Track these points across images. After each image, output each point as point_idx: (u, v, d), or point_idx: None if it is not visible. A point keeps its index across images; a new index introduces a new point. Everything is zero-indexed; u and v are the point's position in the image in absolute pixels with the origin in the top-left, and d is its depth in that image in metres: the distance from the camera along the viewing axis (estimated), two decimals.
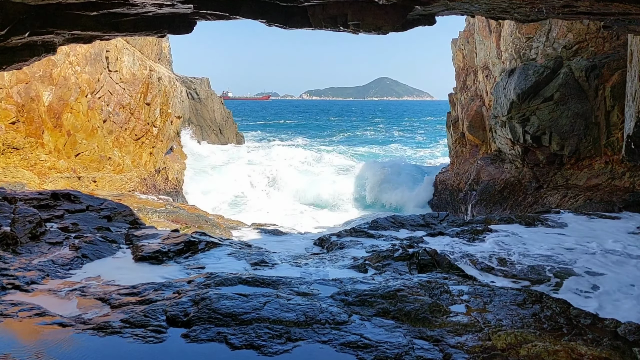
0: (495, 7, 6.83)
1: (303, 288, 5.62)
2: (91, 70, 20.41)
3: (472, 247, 9.08)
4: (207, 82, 49.80)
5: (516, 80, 17.97)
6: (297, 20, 7.94)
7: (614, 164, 15.96)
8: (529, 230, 10.33)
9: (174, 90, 26.00)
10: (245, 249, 8.58)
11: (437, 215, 12.09)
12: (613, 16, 6.70)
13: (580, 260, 8.25)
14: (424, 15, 7.86)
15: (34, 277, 6.29)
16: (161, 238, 8.70)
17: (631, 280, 7.30)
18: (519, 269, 7.74)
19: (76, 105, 19.52)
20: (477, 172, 20.52)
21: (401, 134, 76.62)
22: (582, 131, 16.45)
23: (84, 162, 19.60)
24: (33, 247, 7.86)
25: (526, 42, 18.69)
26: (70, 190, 11.77)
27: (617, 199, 14.19)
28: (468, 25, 25.58)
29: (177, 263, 7.52)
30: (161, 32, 8.86)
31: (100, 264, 7.40)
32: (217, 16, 8.26)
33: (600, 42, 16.84)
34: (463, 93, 25.09)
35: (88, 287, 6.00)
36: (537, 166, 18.07)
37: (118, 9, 7.51)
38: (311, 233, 12.20)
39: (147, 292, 5.64)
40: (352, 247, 8.87)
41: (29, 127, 18.10)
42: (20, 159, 17.81)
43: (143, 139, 23.02)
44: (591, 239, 9.57)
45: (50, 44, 8.72)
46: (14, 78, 17.75)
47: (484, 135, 22.75)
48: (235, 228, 12.48)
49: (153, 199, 15.21)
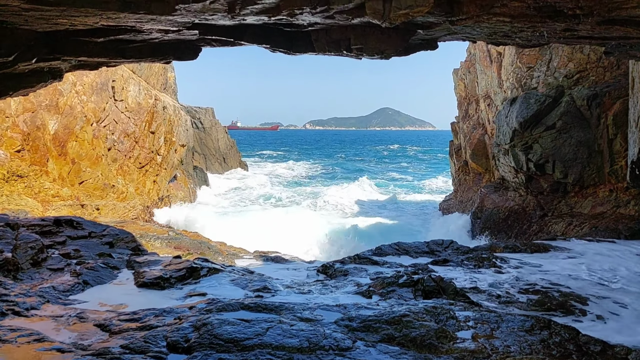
0: (496, 32, 6.92)
1: (306, 314, 5.53)
2: (97, 99, 20.67)
3: (478, 274, 8.96)
4: (212, 111, 50.33)
5: (518, 109, 18.09)
6: (301, 45, 8.05)
7: (619, 192, 15.90)
8: (535, 257, 10.21)
9: (179, 119, 26.25)
10: (248, 275, 8.49)
11: (442, 243, 11.98)
12: (614, 40, 6.77)
13: (588, 286, 8.12)
14: (426, 39, 7.97)
15: (34, 302, 6.22)
16: (163, 264, 8.63)
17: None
18: (526, 295, 7.61)
19: (81, 134, 19.70)
20: (481, 200, 20.46)
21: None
22: (585, 159, 16.45)
23: (88, 190, 19.66)
24: (34, 273, 7.80)
25: (527, 71, 18.88)
26: (73, 216, 11.75)
27: (623, 227, 14.08)
28: (469, 56, 25.93)
29: (179, 289, 7.44)
30: (167, 59, 8.99)
31: (101, 290, 7.32)
32: (222, 42, 8.38)
33: (601, 72, 17.00)
34: (465, 122, 25.23)
35: (88, 312, 5.92)
36: (541, 194, 18.01)
37: (125, 36, 7.65)
38: (315, 261, 12.08)
39: (147, 317, 5.57)
40: (356, 274, 8.76)
41: (34, 155, 18.23)
42: (24, 187, 17.88)
43: (147, 167, 23.12)
44: (600, 265, 9.45)
45: (56, 70, 8.84)
46: (21, 107, 17.97)
47: (487, 163, 22.77)
48: (238, 255, 12.39)
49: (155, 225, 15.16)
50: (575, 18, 5.94)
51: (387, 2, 5.82)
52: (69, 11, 6.48)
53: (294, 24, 7.28)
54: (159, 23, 7.25)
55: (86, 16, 6.74)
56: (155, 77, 26.15)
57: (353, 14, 6.35)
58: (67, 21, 7.03)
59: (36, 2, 6.15)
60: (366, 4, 5.94)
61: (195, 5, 6.33)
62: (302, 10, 6.30)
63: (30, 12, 6.52)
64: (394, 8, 5.68)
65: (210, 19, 7.15)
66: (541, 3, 5.57)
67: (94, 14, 6.57)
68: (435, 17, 6.38)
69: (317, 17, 6.72)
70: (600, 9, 5.54)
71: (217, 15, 6.91)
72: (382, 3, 5.85)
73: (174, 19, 7.01)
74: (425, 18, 6.43)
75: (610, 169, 16.07)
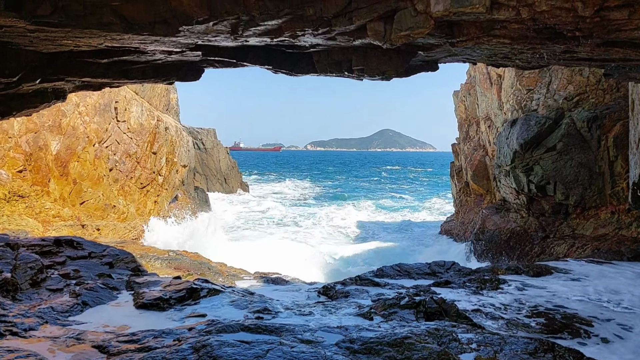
0: (496, 53, 6.99)
1: (307, 335, 5.47)
2: (100, 120, 20.79)
3: (480, 296, 8.88)
4: (213, 132, 50.55)
5: (518, 131, 18.15)
6: (303, 66, 8.13)
7: (620, 214, 15.86)
8: (538, 279, 10.13)
9: (181, 139, 26.37)
10: (248, 296, 8.42)
11: (444, 264, 11.91)
12: (614, 62, 6.83)
13: (592, 308, 8.04)
14: (427, 61, 8.05)
15: (32, 323, 6.16)
16: (163, 285, 8.57)
17: None
18: (529, 317, 7.53)
19: (83, 154, 19.77)
20: (483, 222, 20.39)
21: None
22: (586, 181, 16.44)
23: (89, 210, 19.63)
24: (33, 293, 7.75)
25: (527, 93, 19.00)
26: (73, 236, 11.72)
27: (626, 249, 14.00)
28: (469, 78, 26.14)
29: (179, 310, 7.37)
30: (170, 79, 9.07)
31: (100, 311, 7.26)
32: (225, 63, 8.47)
33: (601, 94, 17.11)
34: (466, 143, 25.31)
35: (86, 334, 5.86)
36: (543, 215, 17.96)
37: (128, 57, 7.74)
38: (316, 282, 12.00)
39: (146, 339, 5.50)
40: (357, 295, 8.69)
41: (36, 176, 18.26)
42: (25, 207, 17.86)
43: (148, 187, 23.14)
44: (603, 287, 9.36)
45: (60, 91, 8.91)
46: (24, 127, 18.07)
47: (488, 184, 22.77)
48: (238, 276, 12.31)
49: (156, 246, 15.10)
50: (574, 40, 6.00)
51: (388, 23, 5.90)
52: (74, 32, 6.57)
53: (296, 45, 7.36)
54: (163, 44, 7.33)
55: (90, 37, 6.83)
56: (158, 98, 26.35)
57: (354, 36, 6.43)
58: (72, 42, 7.12)
59: (42, 24, 6.23)
60: (367, 26, 6.02)
61: (198, 26, 6.42)
62: (304, 31, 6.38)
63: (36, 33, 6.61)
64: (395, 30, 5.75)
65: (213, 40, 7.23)
66: (541, 25, 5.64)
67: (99, 35, 6.65)
68: (436, 39, 6.46)
69: (319, 39, 6.81)
70: (599, 31, 5.61)
71: (220, 37, 6.99)
72: (383, 25, 5.93)
73: (177, 40, 7.10)
74: (426, 40, 6.51)
75: (612, 190, 16.05)
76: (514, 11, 5.37)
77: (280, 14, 5.93)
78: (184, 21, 6.26)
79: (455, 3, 5.39)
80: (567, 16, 5.32)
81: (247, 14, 6.03)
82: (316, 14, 5.91)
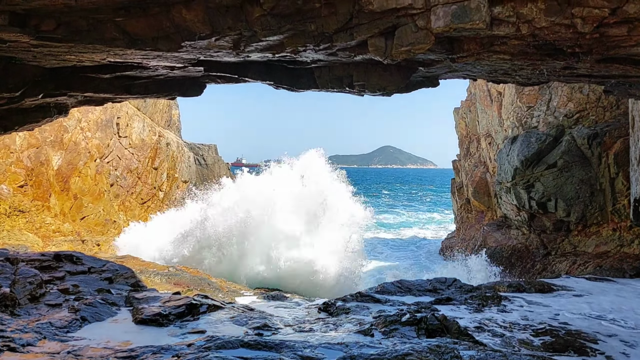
0: (497, 70, 7.03)
1: (307, 352, 5.40)
2: (101, 135, 20.87)
3: (482, 313, 8.80)
4: (215, 148, 50.55)
5: (519, 147, 18.19)
6: (304, 82, 8.18)
7: (622, 231, 15.81)
8: (540, 296, 10.05)
9: (182, 155, 26.43)
10: (248, 312, 8.35)
11: (445, 281, 11.80)
12: (613, 79, 6.87)
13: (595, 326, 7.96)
14: (427, 77, 8.10)
15: (30, 339, 6.10)
16: (162, 301, 8.49)
17: None
18: (531, 335, 7.45)
19: (84, 170, 19.80)
20: (484, 238, 20.31)
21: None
22: (587, 198, 16.42)
23: (89, 226, 19.60)
24: (32, 308, 7.69)
25: (527, 110, 19.08)
26: (73, 251, 11.67)
27: (628, 267, 13.93)
28: (469, 95, 26.26)
29: (178, 326, 7.30)
30: (171, 95, 9.13)
31: (99, 327, 7.19)
32: (227, 79, 8.53)
33: (601, 111, 17.17)
34: (467, 160, 25.34)
35: (85, 349, 5.80)
36: (544, 232, 17.90)
37: (131, 72, 7.80)
38: (316, 298, 11.92)
39: (145, 355, 5.44)
40: (358, 312, 8.61)
41: (37, 191, 18.27)
42: (25, 222, 17.84)
43: (149, 203, 23.12)
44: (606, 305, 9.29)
45: (62, 106, 8.96)
46: (25, 142, 18.13)
47: (489, 201, 22.73)
48: (238, 292, 12.23)
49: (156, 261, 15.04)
50: (574, 56, 6.04)
51: (389, 39, 5.95)
52: (77, 48, 6.62)
53: (297, 60, 7.42)
54: (165, 60, 7.39)
55: (94, 52, 6.89)
56: (160, 114, 26.47)
57: (355, 51, 6.47)
58: (75, 57, 7.18)
59: (45, 39, 6.29)
60: (369, 41, 6.07)
61: (201, 42, 6.47)
62: (305, 47, 6.43)
63: (39, 48, 6.66)
64: (396, 45, 5.80)
65: (215, 55, 7.29)
66: (540, 41, 5.69)
67: (102, 50, 6.71)
68: (436, 55, 6.50)
69: (321, 54, 6.86)
70: (599, 47, 5.65)
71: (222, 52, 7.05)
72: (384, 40, 5.98)
73: (179, 55, 7.16)
74: (427, 55, 6.55)
75: (613, 207, 16.02)
76: (513, 27, 5.42)
77: (281, 30, 5.98)
78: (187, 37, 6.31)
79: (455, 19, 5.43)
80: (567, 32, 5.36)
81: (249, 30, 6.09)
82: (317, 29, 5.96)
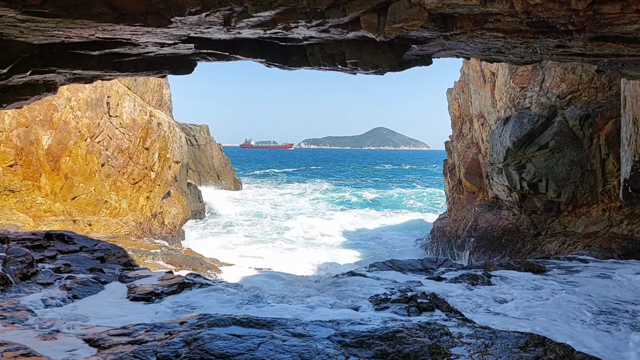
0: (490, 48, 6.99)
1: (299, 329, 5.45)
2: (92, 115, 20.64)
3: (472, 291, 8.91)
4: (207, 129, 50.34)
5: (511, 128, 18.21)
6: (296, 59, 8.09)
7: (612, 211, 15.95)
8: (529, 275, 10.18)
9: (173, 135, 26.24)
10: (240, 290, 8.39)
11: (436, 260, 11.93)
12: (606, 58, 6.86)
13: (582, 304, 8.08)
14: (420, 55, 8.04)
15: (22, 317, 6.11)
16: (155, 279, 8.53)
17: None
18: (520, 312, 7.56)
19: (75, 149, 19.62)
20: (475, 219, 20.45)
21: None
22: (578, 178, 16.53)
23: (80, 206, 19.50)
24: (23, 287, 7.69)
25: (520, 91, 19.05)
26: (64, 231, 11.63)
27: (616, 247, 14.10)
28: (463, 76, 26.16)
29: (170, 304, 7.34)
30: (162, 72, 9.01)
31: (91, 305, 7.21)
32: (218, 56, 8.41)
33: (593, 92, 17.18)
34: (459, 141, 25.36)
35: (78, 327, 5.81)
36: (535, 213, 18.03)
37: (120, 49, 7.67)
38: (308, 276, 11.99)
39: (138, 332, 5.46)
40: (350, 290, 8.69)
41: (27, 170, 18.11)
42: (16, 202, 17.72)
43: (140, 183, 23.01)
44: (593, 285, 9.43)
45: (51, 83, 8.82)
46: (15, 122, 17.91)
47: (481, 182, 22.83)
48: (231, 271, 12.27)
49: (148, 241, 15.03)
50: (567, 34, 6.01)
51: (382, 15, 5.88)
52: (65, 23, 6.49)
53: (289, 37, 7.33)
54: (155, 36, 7.27)
55: (82, 28, 6.75)
56: (151, 93, 26.18)
57: (348, 28, 6.40)
58: (63, 33, 7.04)
59: (32, 14, 6.16)
60: (361, 18, 6.00)
61: (191, 17, 6.37)
62: (297, 23, 6.34)
63: (26, 23, 6.53)
64: (389, 22, 5.74)
65: (206, 32, 7.18)
66: (534, 18, 5.64)
67: (90, 25, 6.58)
68: (430, 32, 6.44)
69: (313, 31, 6.77)
70: (592, 25, 5.62)
71: (213, 29, 6.94)
72: (377, 16, 5.91)
73: (169, 31, 7.04)
74: (420, 32, 6.49)
75: (603, 188, 16.14)
76: (507, 4, 5.37)
77: (273, 6, 5.89)
78: (177, 12, 6.20)
79: None
80: (560, 9, 5.32)
81: (241, 5, 5.99)
82: (310, 5, 5.87)
